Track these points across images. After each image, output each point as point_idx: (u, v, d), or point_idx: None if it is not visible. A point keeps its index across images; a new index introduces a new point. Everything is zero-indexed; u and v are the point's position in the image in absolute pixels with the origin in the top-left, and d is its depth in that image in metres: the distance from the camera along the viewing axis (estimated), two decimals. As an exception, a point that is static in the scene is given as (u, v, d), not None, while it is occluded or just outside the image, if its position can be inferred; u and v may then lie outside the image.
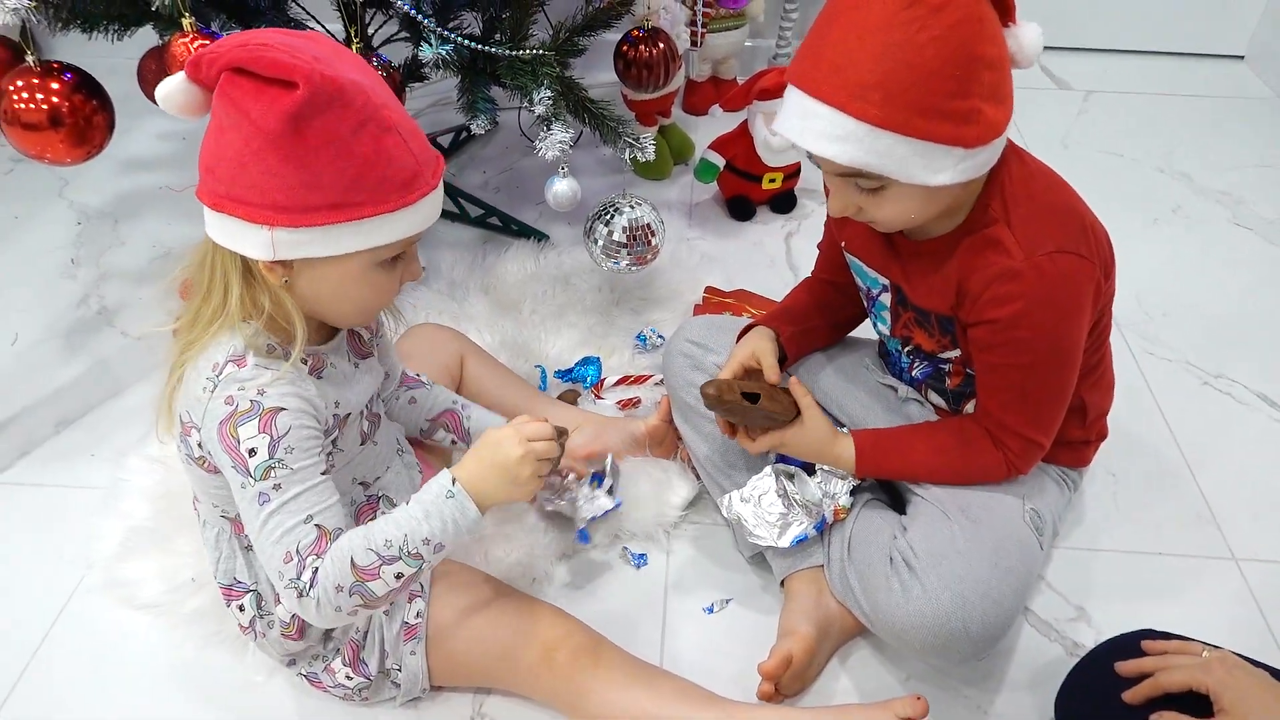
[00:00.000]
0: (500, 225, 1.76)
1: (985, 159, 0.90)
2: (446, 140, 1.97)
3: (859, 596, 1.03)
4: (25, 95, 1.10)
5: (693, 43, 1.92)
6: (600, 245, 1.41)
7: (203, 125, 0.84)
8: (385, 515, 0.88)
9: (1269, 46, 2.28)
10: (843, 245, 1.12)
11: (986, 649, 0.96)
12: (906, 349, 1.11)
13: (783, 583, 1.13)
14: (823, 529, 1.10)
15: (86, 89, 1.13)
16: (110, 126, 1.17)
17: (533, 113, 1.30)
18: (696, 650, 1.11)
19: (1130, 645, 0.92)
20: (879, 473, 1.10)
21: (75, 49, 1.27)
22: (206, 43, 1.10)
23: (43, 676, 1.09)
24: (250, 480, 0.83)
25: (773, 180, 1.79)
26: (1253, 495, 1.30)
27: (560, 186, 1.34)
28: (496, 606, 1.01)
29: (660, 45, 1.44)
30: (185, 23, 1.09)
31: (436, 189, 0.85)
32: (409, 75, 1.49)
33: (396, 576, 0.85)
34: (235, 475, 0.84)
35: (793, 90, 0.89)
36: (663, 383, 1.37)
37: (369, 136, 0.79)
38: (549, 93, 1.26)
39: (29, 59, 1.10)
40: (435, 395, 1.14)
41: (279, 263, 0.82)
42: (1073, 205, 0.97)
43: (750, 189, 1.81)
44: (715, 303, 1.56)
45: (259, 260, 0.82)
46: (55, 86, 1.11)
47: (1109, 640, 0.97)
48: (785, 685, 1.04)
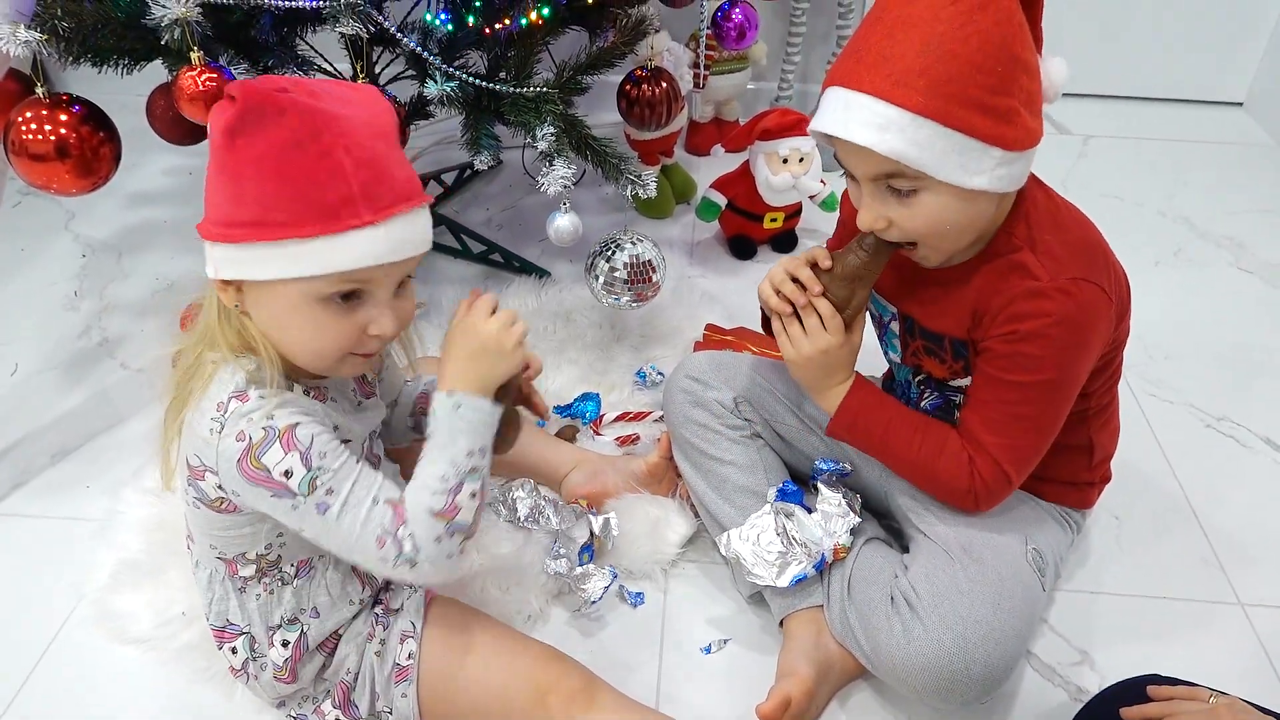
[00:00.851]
0: (502, 261, 1.77)
1: (1019, 171, 0.90)
2: (450, 177, 1.99)
3: (859, 637, 1.02)
4: (34, 126, 1.11)
5: (696, 84, 1.94)
6: (601, 281, 1.41)
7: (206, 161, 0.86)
8: (419, 463, 0.88)
9: (1268, 93, 2.30)
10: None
11: (989, 691, 0.94)
12: (917, 379, 1.11)
13: (781, 623, 1.11)
14: (822, 568, 1.09)
15: (94, 121, 1.14)
16: (117, 158, 1.18)
17: (536, 149, 1.31)
18: (694, 691, 1.09)
19: (1136, 691, 0.91)
20: (851, 432, 1.05)
21: (86, 85, 1.28)
22: (214, 77, 1.11)
23: (31, 708, 1.07)
24: (301, 498, 0.82)
25: (774, 220, 1.80)
26: (1258, 539, 1.28)
27: (562, 221, 1.35)
28: (489, 647, 0.99)
29: (663, 84, 1.45)
30: (194, 56, 1.11)
31: (378, 228, 0.79)
32: (414, 113, 1.50)
33: (472, 495, 0.87)
34: (280, 502, 0.83)
35: (833, 90, 0.90)
36: (662, 419, 1.37)
37: (303, 157, 0.76)
38: (552, 129, 1.27)
39: (39, 91, 1.12)
40: (408, 389, 1.12)
41: (230, 285, 0.83)
42: (1097, 241, 0.98)
43: (751, 228, 1.82)
44: (716, 340, 1.56)
45: (213, 280, 0.83)
46: (63, 118, 1.12)
47: (1114, 685, 0.95)
48: (784, 728, 1.02)
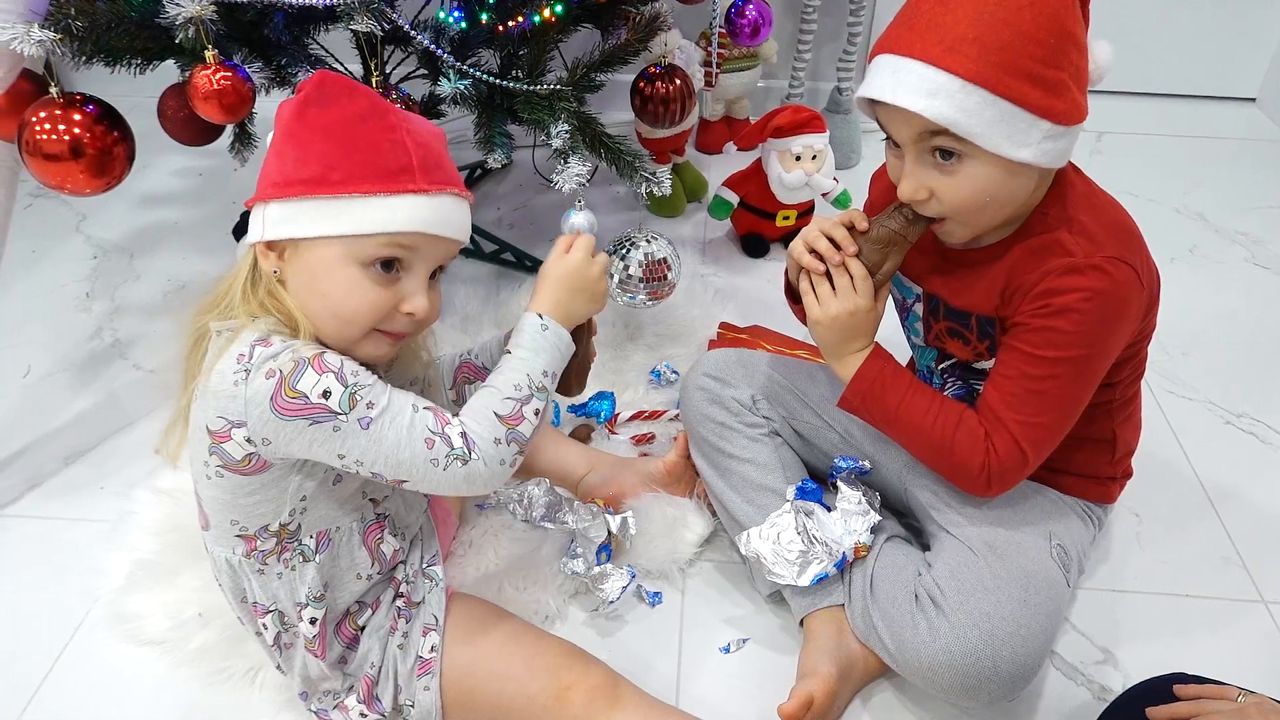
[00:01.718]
0: (514, 261, 1.77)
1: (1064, 147, 0.90)
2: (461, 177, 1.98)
3: (883, 635, 1.01)
4: (47, 126, 1.11)
5: (707, 83, 1.93)
6: (616, 280, 1.41)
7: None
8: (496, 370, 0.91)
9: (1280, 89, 2.29)
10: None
11: (1016, 689, 0.93)
12: (940, 366, 1.10)
13: (801, 622, 1.10)
14: (843, 567, 1.08)
15: (108, 120, 1.14)
16: (130, 158, 1.18)
17: (549, 147, 1.30)
18: (714, 691, 1.08)
19: (1162, 690, 0.90)
20: (865, 401, 1.02)
21: (97, 87, 1.28)
22: (228, 75, 1.11)
23: (47, 712, 1.07)
24: (342, 417, 0.81)
25: (786, 218, 1.79)
26: (1280, 536, 1.27)
27: (577, 219, 1.34)
28: (512, 642, 0.99)
29: (677, 81, 1.44)
30: (208, 55, 1.10)
31: (430, 197, 0.84)
32: (426, 111, 1.50)
33: (535, 413, 0.89)
34: (320, 429, 0.81)
35: (882, 57, 0.90)
36: (678, 418, 1.36)
37: (369, 128, 0.83)
38: (566, 127, 1.26)
39: (52, 90, 1.11)
40: (443, 365, 1.10)
41: (272, 250, 0.85)
42: (1133, 226, 0.97)
43: (764, 226, 1.81)
44: (730, 338, 1.55)
45: (255, 245, 0.86)
46: (77, 118, 1.12)
47: (1139, 684, 0.94)
48: (806, 728, 1.01)
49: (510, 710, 0.97)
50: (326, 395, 0.81)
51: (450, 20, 1.28)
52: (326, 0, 1.17)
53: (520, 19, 1.33)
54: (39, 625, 1.15)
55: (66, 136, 1.11)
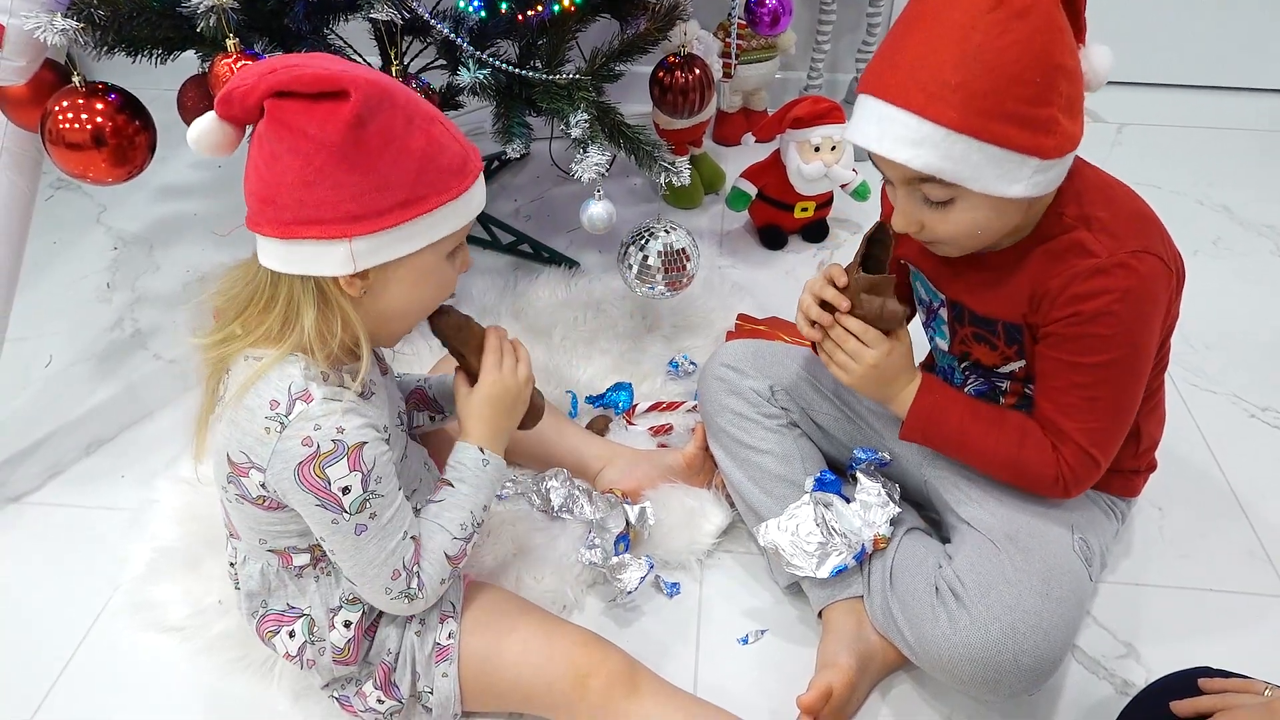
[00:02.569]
0: (531, 252, 1.76)
1: (1057, 174, 0.89)
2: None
3: (902, 627, 1.00)
4: (70, 115, 1.12)
5: (725, 74, 1.92)
6: (635, 270, 1.40)
7: (240, 155, 0.85)
8: (438, 502, 0.95)
9: (1306, 80, 2.26)
10: (903, 259, 1.11)
11: (1038, 683, 0.93)
12: (963, 365, 1.09)
13: (820, 614, 1.10)
14: (862, 559, 1.07)
15: (130, 110, 1.15)
16: (152, 147, 1.18)
17: (567, 137, 1.30)
18: (731, 682, 1.08)
19: (1186, 684, 0.89)
20: (926, 435, 1.03)
21: (118, 78, 1.28)
22: (250, 64, 1.11)
23: (68, 697, 1.08)
24: (345, 516, 0.85)
25: (805, 209, 1.78)
26: (1307, 531, 1.26)
27: (596, 209, 1.34)
28: (529, 629, 0.99)
29: (696, 71, 1.44)
30: (230, 44, 1.11)
31: (480, 175, 0.88)
32: (444, 102, 1.50)
33: (473, 546, 0.96)
34: (324, 513, 0.85)
35: (866, 99, 0.89)
36: (695, 409, 1.36)
37: (419, 130, 0.81)
38: (585, 116, 1.26)
39: (75, 80, 1.12)
40: (404, 382, 1.13)
41: (357, 275, 0.83)
42: (1150, 215, 0.96)
43: (782, 218, 1.80)
44: (748, 330, 1.55)
45: (338, 277, 0.82)
46: (99, 107, 1.12)
47: (1164, 678, 0.93)
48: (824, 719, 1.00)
49: (529, 697, 0.97)
50: (345, 492, 0.84)
51: (470, 9, 1.28)
52: (346, -11, 1.17)
53: (539, 8, 1.32)
54: (61, 612, 1.16)
55: (89, 125, 1.12)
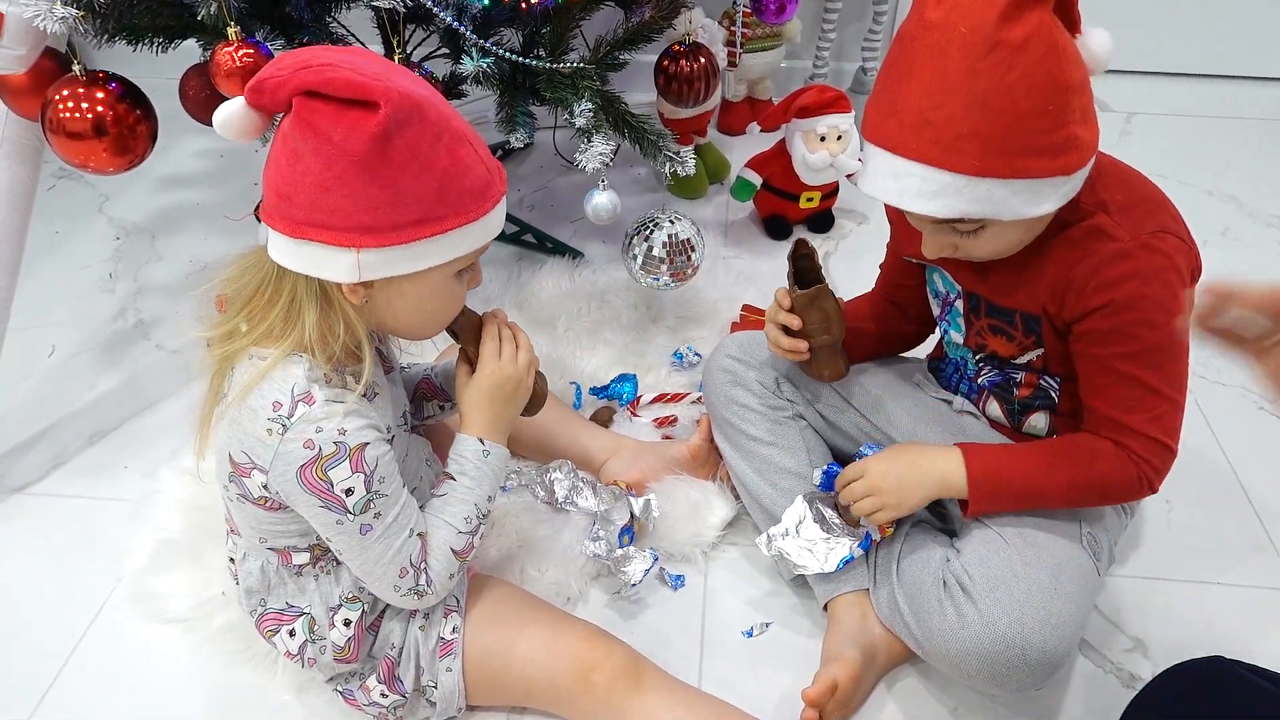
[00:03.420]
0: (534, 242, 1.75)
1: (1080, 179, 0.88)
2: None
3: (909, 621, 0.99)
4: (70, 104, 1.11)
5: (730, 63, 1.91)
6: (639, 261, 1.39)
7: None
8: (441, 496, 0.94)
9: (1317, 69, 2.24)
10: (913, 260, 1.10)
11: (1045, 678, 0.92)
12: (978, 357, 1.08)
13: (825, 606, 1.09)
14: (868, 547, 1.06)
15: (131, 99, 1.14)
16: (153, 136, 1.17)
17: (571, 128, 1.29)
18: (736, 675, 1.07)
19: (1195, 675, 0.88)
20: (998, 489, 0.97)
21: (119, 67, 1.27)
22: (251, 53, 1.10)
23: (71, 688, 1.07)
24: (349, 517, 0.85)
25: (810, 199, 1.77)
26: (1315, 525, 1.25)
27: (600, 199, 1.33)
28: (534, 623, 0.98)
29: (701, 60, 1.42)
30: (230, 32, 1.09)
31: (505, 194, 0.87)
32: (448, 92, 1.49)
33: (480, 537, 0.95)
34: (327, 514, 0.84)
35: (877, 151, 0.87)
36: (700, 400, 1.35)
37: (445, 149, 0.80)
38: (590, 105, 1.25)
39: (75, 68, 1.11)
40: (410, 375, 1.12)
41: (359, 284, 0.82)
42: (1165, 199, 0.95)
43: (787, 208, 1.79)
44: (753, 321, 1.54)
45: (341, 284, 0.82)
46: (100, 95, 1.11)
47: (1170, 669, 0.92)
48: (830, 713, 1.00)
49: (533, 691, 0.97)
50: (348, 493, 0.84)
51: (472, -2, 1.27)
52: (348, -24, 1.16)
53: (544, -4, 1.31)
54: (63, 603, 1.16)
55: (89, 115, 1.11)
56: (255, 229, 1.48)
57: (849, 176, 1.74)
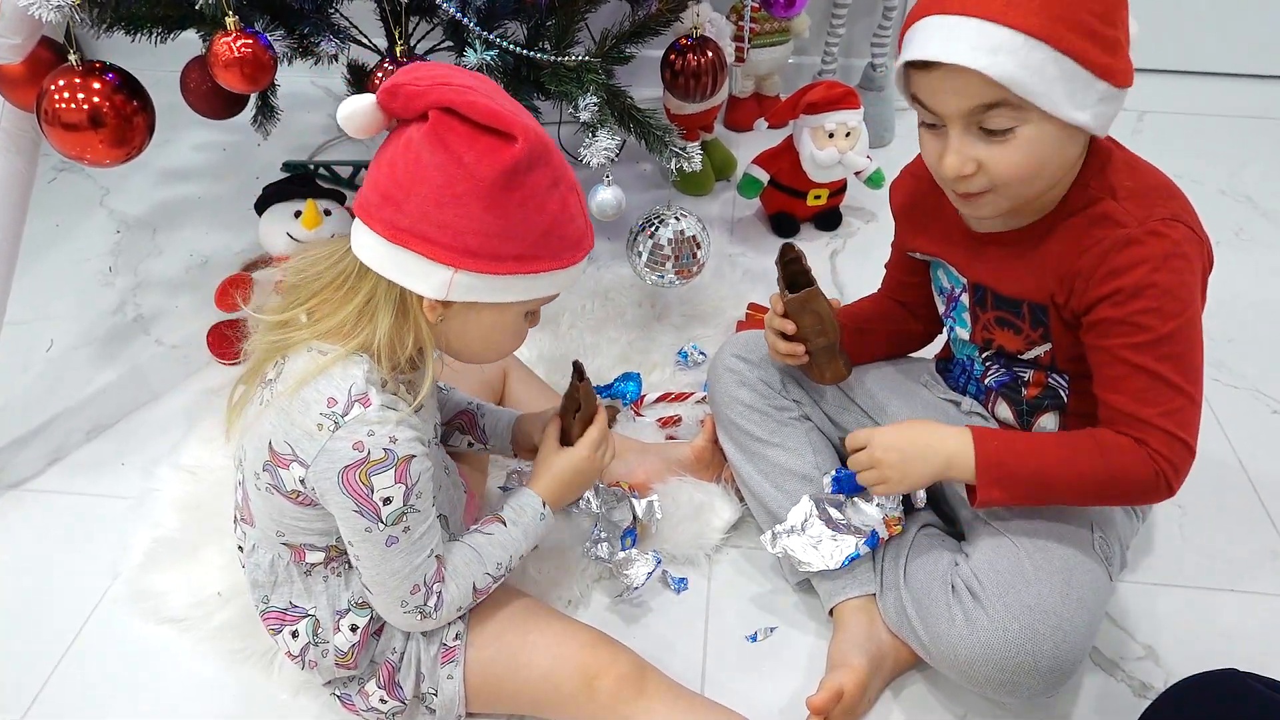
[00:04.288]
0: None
1: (1114, 111, 0.86)
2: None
3: (916, 626, 0.97)
4: (66, 95, 1.08)
5: (737, 58, 1.89)
6: (644, 258, 1.37)
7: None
8: (487, 535, 0.95)
9: (1332, 68, 2.21)
10: (917, 254, 1.08)
11: (1056, 685, 0.90)
12: (984, 354, 1.06)
13: (831, 611, 1.07)
14: (875, 544, 1.04)
15: (128, 89, 1.11)
16: (150, 128, 1.15)
17: (576, 121, 1.27)
18: (740, 681, 1.05)
19: (1208, 687, 0.86)
20: (1005, 476, 0.92)
21: (120, 58, 1.26)
22: (250, 43, 1.08)
23: (66, 688, 1.06)
24: (380, 526, 0.84)
25: (818, 197, 1.75)
26: (1331, 531, 1.23)
27: (605, 195, 1.31)
28: (537, 630, 0.97)
29: (709, 54, 1.40)
30: (229, 21, 1.08)
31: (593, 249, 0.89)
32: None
33: (498, 584, 0.96)
34: (359, 519, 0.84)
35: (927, 20, 0.84)
36: (704, 400, 1.33)
37: (559, 195, 0.82)
38: (595, 99, 1.23)
39: (71, 58, 1.09)
40: (450, 397, 1.11)
41: (440, 302, 0.83)
42: (1178, 190, 0.93)
43: (794, 205, 1.77)
44: (759, 319, 1.52)
45: (424, 297, 0.82)
46: (97, 86, 1.09)
47: (1184, 681, 0.90)
48: (835, 720, 0.98)
49: (536, 698, 0.95)
50: (386, 502, 0.83)
51: (477, -11, 1.25)
52: (350, -33, 1.14)
53: (548, -12, 1.29)
54: (60, 601, 1.14)
55: (86, 105, 1.08)
56: (255, 223, 1.48)
57: (857, 174, 1.72)
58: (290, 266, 0.89)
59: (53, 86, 1.08)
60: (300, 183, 1.47)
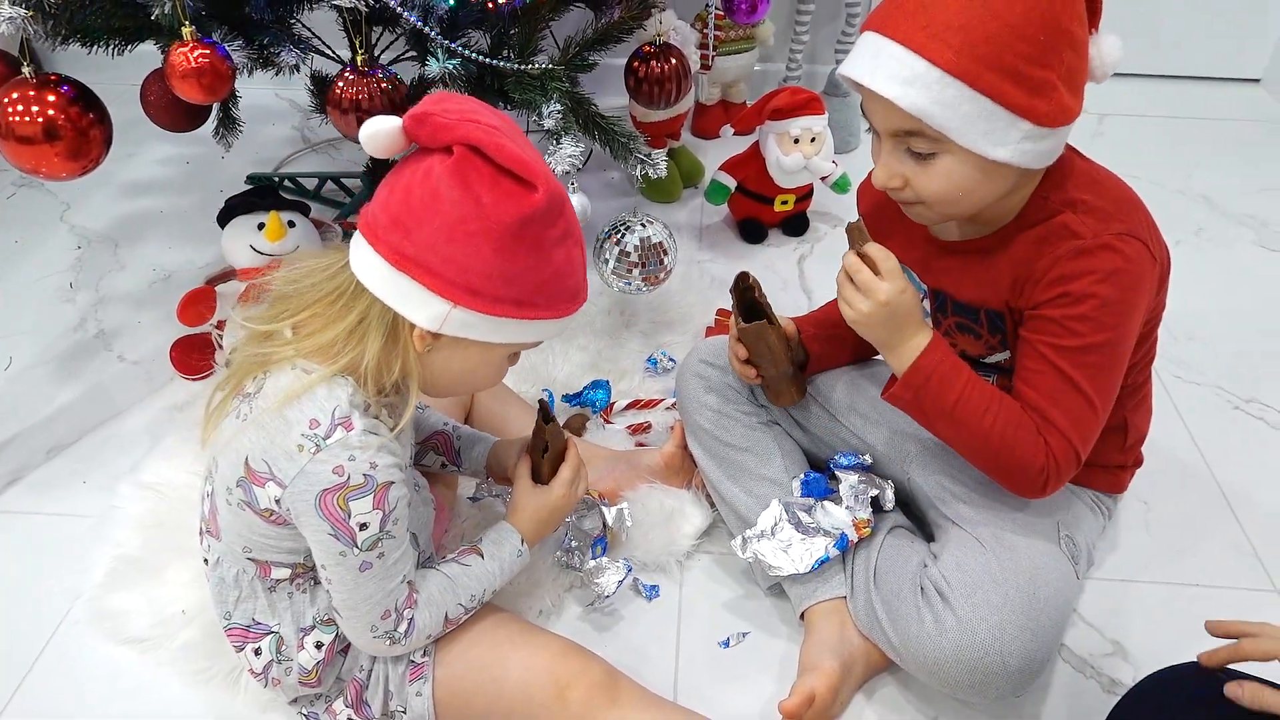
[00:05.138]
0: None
1: (1047, 149, 0.86)
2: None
3: (886, 629, 0.98)
4: (20, 108, 1.07)
5: (703, 66, 1.90)
6: (611, 265, 1.37)
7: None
8: (464, 567, 0.95)
9: (1286, 70, 2.26)
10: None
11: (1025, 685, 0.91)
12: None
13: (802, 615, 1.07)
14: (845, 547, 1.05)
15: (83, 102, 1.10)
16: (108, 141, 1.13)
17: (541, 129, 1.27)
18: (712, 687, 1.05)
19: (1179, 679, 0.86)
20: (923, 393, 0.93)
21: (82, 73, 1.24)
22: (207, 53, 1.07)
23: (26, 711, 1.03)
24: (355, 550, 0.83)
25: (785, 202, 1.76)
26: (1294, 524, 1.24)
27: (571, 202, 1.30)
28: (507, 642, 0.96)
29: (672, 61, 1.40)
30: (185, 32, 1.06)
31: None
32: (416, 95, 1.46)
33: (469, 615, 0.95)
34: (334, 543, 0.83)
35: (868, 35, 0.86)
36: (674, 407, 1.33)
37: (565, 248, 0.83)
38: (558, 107, 1.22)
39: (25, 71, 1.07)
40: (425, 418, 1.11)
41: (430, 333, 0.83)
42: (1138, 202, 0.94)
43: (762, 211, 1.78)
44: (727, 325, 1.52)
45: (416, 327, 0.82)
46: (51, 99, 1.08)
47: (1152, 675, 0.91)
48: (808, 724, 0.98)
49: (509, 712, 0.94)
50: (363, 528, 0.83)
51: (438, -2, 1.24)
52: (308, -24, 1.13)
53: (510, -4, 1.29)
54: (19, 623, 1.12)
55: (40, 118, 1.07)
56: (219, 236, 1.46)
57: (823, 179, 1.73)
58: (282, 276, 0.88)
59: (6, 99, 1.07)
60: (263, 194, 1.45)
